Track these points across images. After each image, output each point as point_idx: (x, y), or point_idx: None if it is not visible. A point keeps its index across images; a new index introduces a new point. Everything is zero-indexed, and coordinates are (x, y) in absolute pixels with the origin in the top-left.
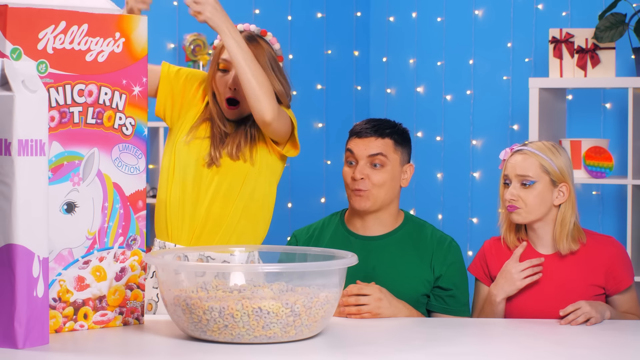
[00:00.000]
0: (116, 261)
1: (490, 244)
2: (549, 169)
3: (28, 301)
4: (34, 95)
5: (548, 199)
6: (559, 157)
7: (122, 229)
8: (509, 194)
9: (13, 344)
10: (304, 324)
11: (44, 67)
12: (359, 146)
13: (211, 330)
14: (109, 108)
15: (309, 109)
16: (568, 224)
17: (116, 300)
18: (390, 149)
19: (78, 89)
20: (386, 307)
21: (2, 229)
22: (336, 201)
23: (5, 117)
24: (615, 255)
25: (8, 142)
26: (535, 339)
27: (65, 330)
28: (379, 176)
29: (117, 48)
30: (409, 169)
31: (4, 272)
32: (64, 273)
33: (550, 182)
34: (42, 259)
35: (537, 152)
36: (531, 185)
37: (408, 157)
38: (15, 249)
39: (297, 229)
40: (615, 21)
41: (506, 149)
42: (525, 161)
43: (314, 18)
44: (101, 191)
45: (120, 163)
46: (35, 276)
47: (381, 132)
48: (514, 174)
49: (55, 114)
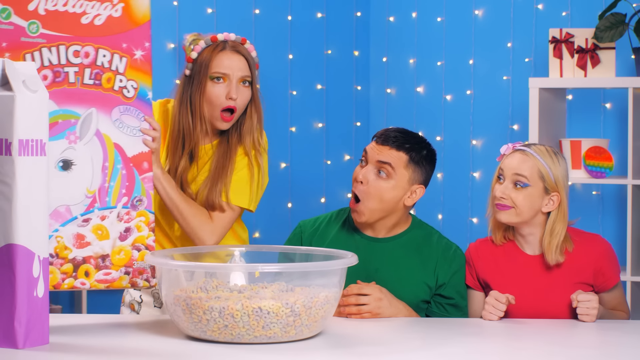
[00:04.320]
0: (120, 221)
1: (475, 247)
2: (545, 176)
3: (28, 301)
4: (34, 95)
5: (537, 204)
6: (557, 166)
7: (126, 189)
8: (500, 192)
9: (13, 344)
10: (304, 324)
11: (35, 28)
12: (373, 150)
13: (211, 330)
14: (108, 70)
15: (309, 108)
16: (558, 235)
17: (121, 260)
18: (402, 164)
19: (73, 49)
20: (386, 307)
21: (2, 229)
22: (336, 201)
23: (6, 117)
24: (603, 253)
25: (8, 142)
26: (534, 339)
27: (64, 288)
28: (381, 185)
29: (116, 12)
30: (418, 190)
31: (4, 272)
32: (62, 230)
33: (543, 189)
34: (42, 259)
35: (537, 156)
36: (524, 188)
37: (422, 179)
38: (16, 249)
39: (304, 220)
40: (615, 21)
41: (509, 144)
42: (524, 162)
43: (314, 18)
44: (101, 151)
45: (121, 124)
46: (35, 276)
47: (399, 145)
48: (510, 172)
49: (48, 72)
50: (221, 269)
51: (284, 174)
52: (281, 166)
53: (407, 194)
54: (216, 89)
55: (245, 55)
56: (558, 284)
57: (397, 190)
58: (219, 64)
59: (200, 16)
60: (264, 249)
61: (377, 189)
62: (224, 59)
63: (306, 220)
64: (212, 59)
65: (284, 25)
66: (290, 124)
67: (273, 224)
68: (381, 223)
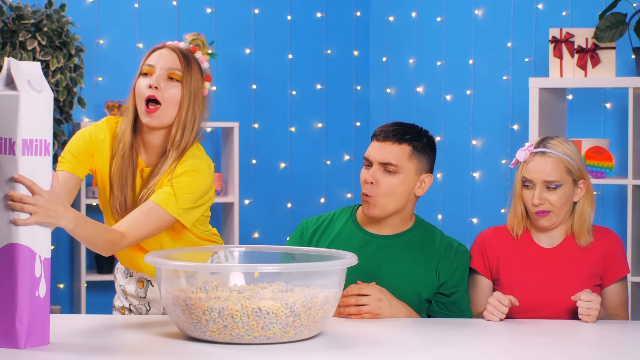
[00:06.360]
0: None
1: (489, 234)
2: (572, 169)
3: (30, 301)
4: (39, 95)
5: (571, 198)
6: (575, 154)
7: None
8: (537, 199)
9: (14, 344)
10: (304, 325)
11: None
12: (375, 150)
13: (211, 330)
14: None
15: (308, 109)
16: (587, 218)
17: None
18: (405, 157)
19: None
20: (386, 308)
21: (4, 229)
22: (336, 201)
23: (10, 117)
24: (614, 245)
25: (12, 141)
26: (535, 340)
27: None
28: (390, 182)
29: None
30: (427, 179)
31: (5, 271)
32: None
33: (572, 182)
34: (43, 259)
35: (559, 154)
36: (557, 189)
37: (428, 167)
38: (18, 248)
39: (307, 218)
40: (615, 21)
41: (524, 151)
42: (549, 165)
43: (313, 18)
44: None
45: None
46: (37, 276)
47: (400, 138)
48: (540, 179)
49: None
50: (221, 270)
51: (283, 174)
52: (280, 166)
53: (416, 185)
54: (140, 82)
55: (183, 54)
56: (570, 276)
57: (407, 183)
58: (149, 59)
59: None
60: (263, 249)
61: (388, 185)
62: (155, 54)
63: (309, 219)
64: (146, 57)
65: (283, 25)
66: (289, 124)
67: (272, 224)
68: (391, 219)
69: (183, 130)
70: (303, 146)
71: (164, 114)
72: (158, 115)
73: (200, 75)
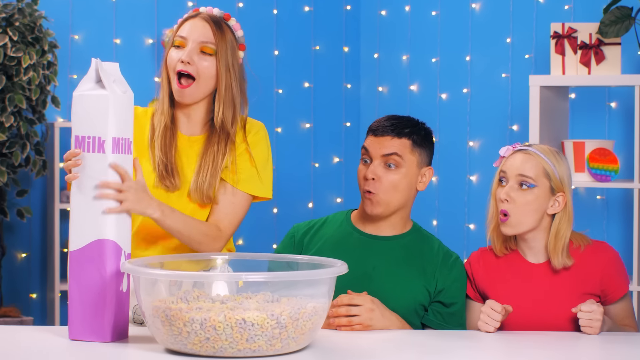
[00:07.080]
0: None
1: (475, 257)
2: (551, 174)
3: (116, 296)
4: (124, 95)
5: (543, 206)
6: (561, 165)
7: None
8: (504, 193)
9: (103, 337)
10: (291, 337)
11: None
12: (374, 144)
13: (192, 343)
14: None
15: (295, 108)
16: (563, 237)
17: None
18: (407, 150)
19: None
20: (378, 319)
21: (93, 225)
22: (324, 206)
23: (101, 116)
24: (609, 261)
25: (102, 140)
26: (533, 352)
27: None
28: (392, 177)
29: None
30: (427, 172)
31: (94, 266)
32: None
33: (549, 189)
34: (127, 254)
35: (541, 154)
36: (529, 189)
37: (428, 160)
38: (106, 244)
39: (298, 223)
40: (620, 15)
41: (508, 146)
42: (528, 162)
43: (301, 12)
44: None
45: None
46: (122, 271)
47: (399, 131)
48: (514, 173)
49: None
50: (203, 278)
51: None
52: None
53: (418, 179)
54: (172, 53)
55: (216, 24)
56: (563, 295)
57: (409, 178)
58: (181, 30)
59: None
60: (248, 256)
61: (390, 181)
62: (187, 24)
63: (300, 223)
64: (178, 27)
65: (269, 20)
66: (275, 124)
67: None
68: (392, 217)
69: (225, 105)
70: (290, 148)
71: (197, 90)
72: (191, 91)
73: (235, 44)
